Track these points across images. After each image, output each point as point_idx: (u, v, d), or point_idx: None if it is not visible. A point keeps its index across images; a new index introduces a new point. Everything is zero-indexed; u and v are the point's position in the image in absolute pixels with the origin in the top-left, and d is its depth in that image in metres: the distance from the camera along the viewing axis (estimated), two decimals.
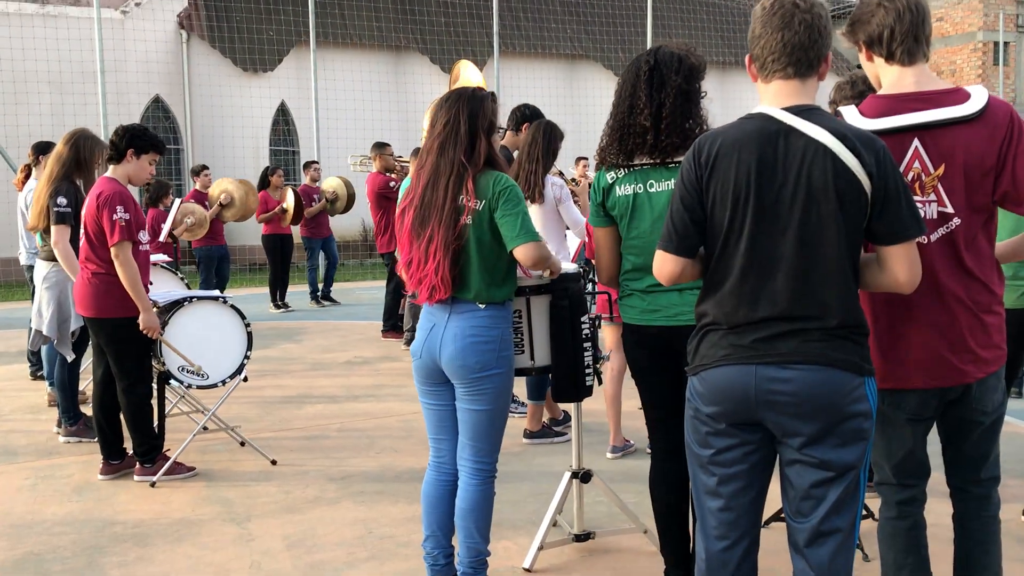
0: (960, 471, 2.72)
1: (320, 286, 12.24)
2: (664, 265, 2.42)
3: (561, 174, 6.46)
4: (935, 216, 2.52)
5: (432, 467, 3.32)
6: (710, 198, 2.33)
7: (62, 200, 5.21)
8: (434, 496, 3.28)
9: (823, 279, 2.25)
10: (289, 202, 11.18)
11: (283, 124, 18.32)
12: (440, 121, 3.09)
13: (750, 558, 2.43)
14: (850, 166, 2.21)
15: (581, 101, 20.36)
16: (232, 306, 5.12)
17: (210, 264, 10.70)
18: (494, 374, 3.10)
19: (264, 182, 11.61)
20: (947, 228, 2.52)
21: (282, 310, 11.58)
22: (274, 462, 5.10)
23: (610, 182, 3.13)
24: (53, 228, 5.22)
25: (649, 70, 3.07)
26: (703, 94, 3.15)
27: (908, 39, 2.54)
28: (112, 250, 4.60)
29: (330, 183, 11.90)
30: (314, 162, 12.51)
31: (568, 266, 3.51)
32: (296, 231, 11.78)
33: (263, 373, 7.61)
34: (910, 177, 2.52)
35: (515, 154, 5.50)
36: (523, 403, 5.65)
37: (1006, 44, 25.22)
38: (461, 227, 3.04)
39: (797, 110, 2.29)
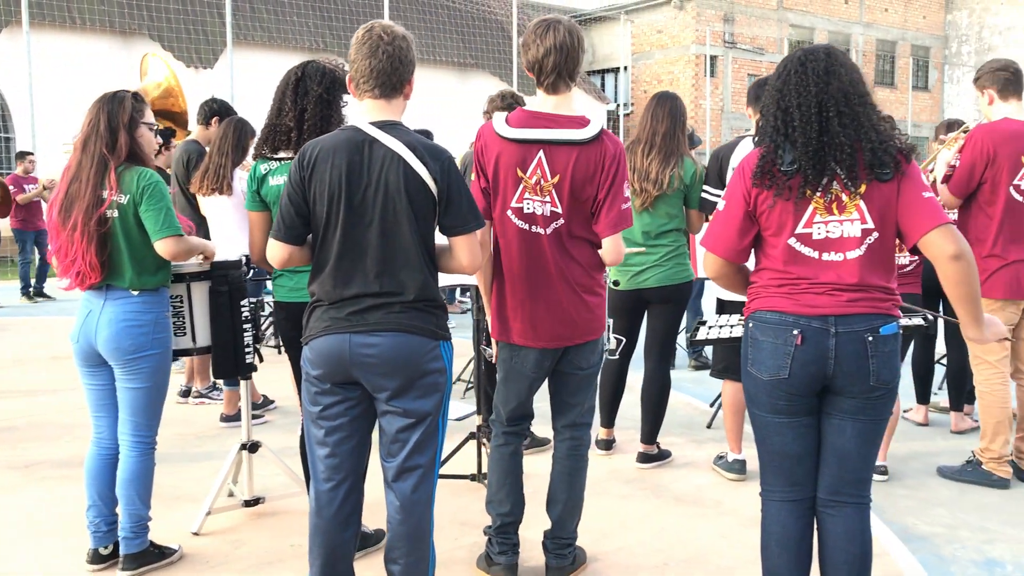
0: (560, 415, 3.44)
1: (32, 281, 11.71)
2: (274, 250, 2.85)
3: None
4: (548, 214, 3.19)
5: (93, 442, 3.56)
6: (311, 195, 2.78)
7: None
8: (95, 469, 3.53)
9: (401, 262, 2.75)
10: None
11: None
12: (84, 122, 3.35)
13: (353, 496, 2.91)
14: (419, 172, 2.73)
15: None
16: None
17: None
18: (149, 355, 3.40)
19: None
20: (556, 224, 3.19)
21: None
22: None
23: (263, 173, 3.53)
24: None
25: (296, 80, 3.52)
26: (344, 103, 3.62)
27: (552, 74, 3.17)
28: None
29: (51, 174, 11.40)
30: (29, 153, 11.90)
31: (231, 254, 3.84)
32: (5, 224, 11.20)
33: None
34: (534, 180, 3.16)
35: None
36: (220, 388, 5.90)
37: (714, 57, 27.95)
38: (102, 216, 3.29)
39: (381, 124, 2.78)
